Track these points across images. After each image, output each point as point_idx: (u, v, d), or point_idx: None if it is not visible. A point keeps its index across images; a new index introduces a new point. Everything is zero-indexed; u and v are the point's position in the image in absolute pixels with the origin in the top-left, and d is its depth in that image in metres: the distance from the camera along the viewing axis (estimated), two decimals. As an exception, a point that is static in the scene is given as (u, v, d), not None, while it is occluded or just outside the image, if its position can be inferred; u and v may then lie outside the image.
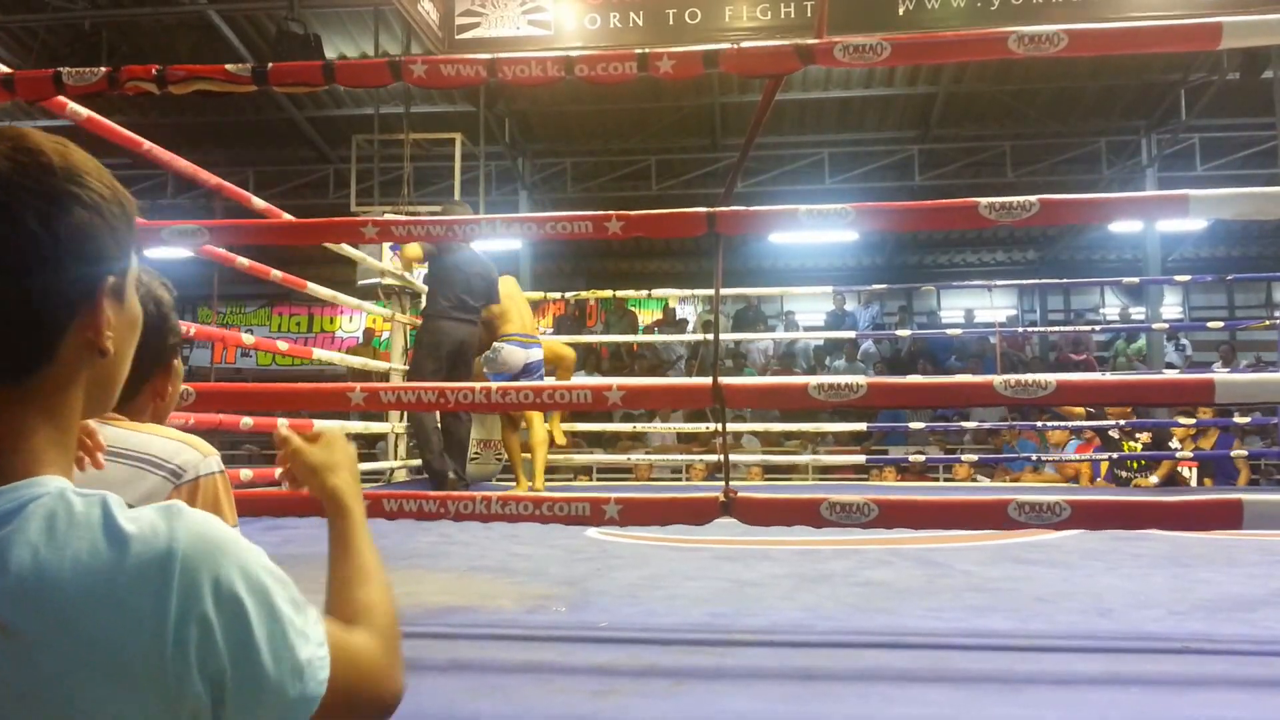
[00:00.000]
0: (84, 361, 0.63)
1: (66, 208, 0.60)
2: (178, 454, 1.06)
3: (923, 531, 2.97)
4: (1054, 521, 1.55)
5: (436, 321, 4.28)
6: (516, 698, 1.22)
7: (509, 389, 1.75)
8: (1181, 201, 1.77)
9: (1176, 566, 2.45)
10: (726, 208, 1.89)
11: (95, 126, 2.51)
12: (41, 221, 0.59)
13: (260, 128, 9.58)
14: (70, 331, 0.62)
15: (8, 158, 0.59)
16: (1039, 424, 6.36)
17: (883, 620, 1.76)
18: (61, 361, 0.62)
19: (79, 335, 0.62)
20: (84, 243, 0.61)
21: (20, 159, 0.59)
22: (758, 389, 2.15)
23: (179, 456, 1.05)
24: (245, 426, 2.68)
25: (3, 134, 0.61)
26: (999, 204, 1.73)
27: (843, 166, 9.84)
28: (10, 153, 0.59)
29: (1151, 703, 1.25)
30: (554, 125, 9.55)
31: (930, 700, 1.24)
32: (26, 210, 0.59)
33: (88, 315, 0.63)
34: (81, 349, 0.63)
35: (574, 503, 1.64)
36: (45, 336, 0.61)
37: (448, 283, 4.29)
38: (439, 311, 4.28)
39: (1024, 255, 13.33)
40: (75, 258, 0.61)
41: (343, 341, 12.66)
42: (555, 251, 11.89)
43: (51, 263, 0.59)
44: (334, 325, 13.36)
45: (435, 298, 4.32)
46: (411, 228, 1.81)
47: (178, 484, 1.03)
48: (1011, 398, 1.63)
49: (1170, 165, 9.43)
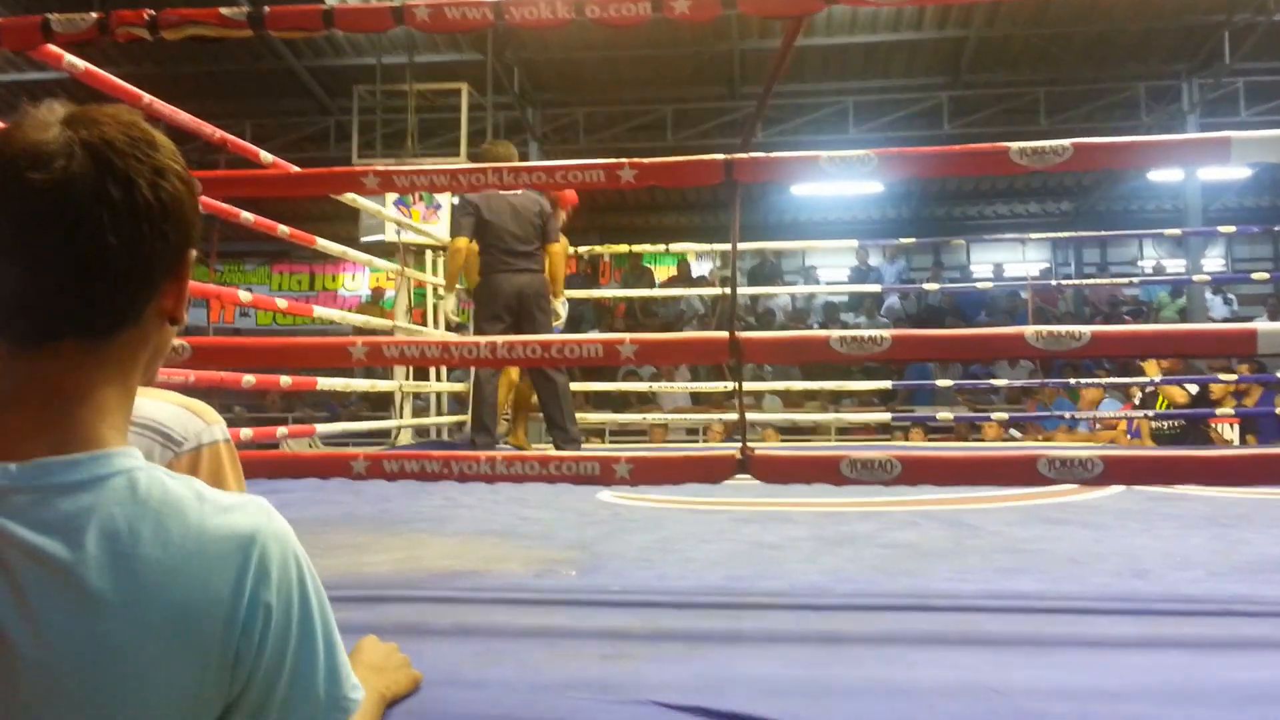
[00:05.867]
0: (155, 329, 0.68)
1: (169, 179, 0.65)
2: (178, 421, 1.00)
3: (950, 492, 2.90)
4: (1086, 477, 1.47)
5: (487, 277, 4.14)
6: (524, 662, 1.18)
7: (516, 343, 1.69)
8: (1223, 145, 1.65)
9: (1216, 527, 2.36)
10: (745, 154, 1.79)
11: (93, 79, 2.45)
12: (152, 190, 0.64)
13: (258, 78, 9.40)
14: (156, 298, 0.67)
15: (120, 131, 0.64)
16: (1071, 381, 6.22)
17: (907, 583, 1.70)
18: (141, 326, 0.67)
19: (160, 303, 0.67)
20: (180, 213, 0.66)
21: (131, 133, 0.65)
22: (776, 342, 2.07)
23: (180, 423, 1.00)
24: (247, 385, 2.63)
25: (105, 111, 0.66)
26: (1031, 149, 1.63)
27: (868, 115, 9.57)
28: (120, 127, 0.64)
29: (1190, 665, 1.18)
30: (565, 74, 9.32)
31: (956, 663, 1.18)
32: (140, 179, 0.63)
33: (173, 284, 0.68)
34: (158, 316, 0.68)
35: (583, 461, 1.58)
36: (141, 299, 0.66)
37: (492, 234, 4.14)
38: (487, 266, 4.14)
39: (1058, 207, 12.98)
40: (174, 226, 0.66)
41: (345, 300, 12.62)
42: (568, 203, 11.70)
43: (157, 229, 0.64)
44: (336, 283, 13.32)
45: (484, 253, 4.17)
46: (414, 177, 1.74)
47: (178, 453, 0.98)
48: (1043, 349, 1.54)
49: (1213, 111, 9.07)
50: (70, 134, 0.62)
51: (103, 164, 0.62)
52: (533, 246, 4.16)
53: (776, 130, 9.50)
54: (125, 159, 0.63)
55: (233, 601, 0.61)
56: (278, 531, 0.65)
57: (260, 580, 0.63)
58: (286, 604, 0.64)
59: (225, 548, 0.62)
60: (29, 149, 0.62)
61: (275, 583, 0.63)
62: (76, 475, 0.61)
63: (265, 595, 0.63)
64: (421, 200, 6.57)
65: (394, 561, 1.89)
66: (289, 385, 3.60)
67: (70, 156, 0.61)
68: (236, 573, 0.62)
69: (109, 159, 0.63)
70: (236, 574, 0.62)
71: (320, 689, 0.67)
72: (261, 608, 0.63)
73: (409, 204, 6.49)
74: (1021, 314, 8.68)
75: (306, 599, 0.66)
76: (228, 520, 0.63)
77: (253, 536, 0.63)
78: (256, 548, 0.63)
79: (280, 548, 0.65)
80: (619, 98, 9.62)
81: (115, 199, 0.62)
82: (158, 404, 1.01)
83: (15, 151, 0.62)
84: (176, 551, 0.60)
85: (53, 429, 0.63)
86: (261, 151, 3.08)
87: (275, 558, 0.64)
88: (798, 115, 9.52)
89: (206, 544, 0.62)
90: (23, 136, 0.62)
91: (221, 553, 0.62)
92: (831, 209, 12.58)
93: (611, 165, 1.81)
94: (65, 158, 0.61)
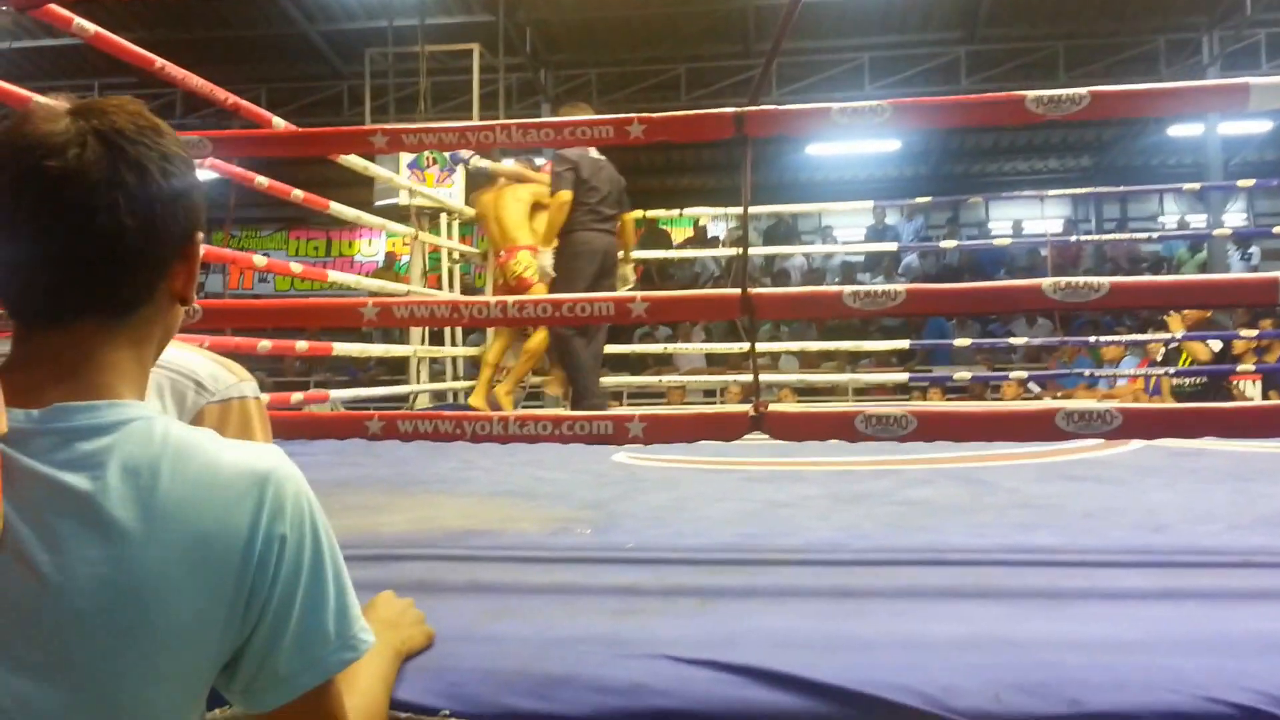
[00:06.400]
0: (167, 307, 0.71)
1: (176, 164, 0.68)
2: (212, 372, 1.04)
3: (966, 450, 2.88)
4: (1105, 430, 1.45)
5: (578, 233, 4.08)
6: (537, 618, 1.19)
7: (527, 303, 1.68)
8: (1242, 91, 1.60)
9: (1238, 481, 2.33)
10: (756, 107, 1.76)
11: (104, 43, 2.43)
12: (163, 174, 0.67)
13: (271, 43, 9.35)
14: (168, 278, 0.70)
15: (129, 120, 0.67)
16: (1091, 339, 6.14)
17: (922, 538, 1.70)
18: (154, 305, 0.70)
19: (171, 283, 0.70)
20: (189, 196, 0.70)
21: (138, 122, 0.67)
22: (790, 298, 2.05)
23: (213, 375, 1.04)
24: (263, 350, 2.64)
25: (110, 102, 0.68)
26: (1047, 97, 1.59)
27: (884, 72, 9.38)
28: (128, 116, 0.67)
29: (1208, 616, 1.17)
30: (577, 34, 9.17)
31: (971, 616, 1.17)
32: (151, 164, 0.66)
33: (182, 265, 0.71)
34: (169, 296, 0.71)
35: (597, 420, 1.58)
36: (155, 280, 0.69)
37: (586, 192, 4.10)
38: (578, 223, 4.09)
39: (1077, 162, 12.74)
40: (184, 207, 0.69)
41: (362, 266, 12.63)
42: (582, 169, 11.61)
43: (169, 211, 0.67)
44: (352, 249, 13.30)
45: (574, 210, 4.11)
46: (422, 135, 1.72)
47: (210, 400, 1.01)
48: (1061, 301, 1.51)
49: (1233, 65, 8.83)
50: (81, 124, 0.65)
51: (115, 150, 0.65)
52: (615, 212, 4.20)
53: (790, 89, 9.33)
54: (135, 146, 0.66)
55: (249, 533, 0.64)
56: (290, 472, 0.68)
57: (275, 514, 0.65)
58: (299, 540, 0.67)
59: (242, 482, 0.65)
60: (42, 139, 0.64)
61: (289, 517, 0.66)
62: (96, 419, 0.63)
63: (280, 528, 0.65)
64: (436, 163, 6.52)
65: (410, 521, 1.91)
66: (305, 350, 3.61)
67: (83, 145, 0.64)
68: (254, 505, 0.65)
69: (120, 146, 0.65)
70: (254, 507, 0.65)
71: (330, 626, 0.68)
72: (276, 541, 0.65)
73: (423, 167, 6.44)
74: (1041, 271, 8.55)
75: (318, 538, 0.69)
76: (243, 458, 0.66)
77: (268, 473, 0.66)
78: (271, 484, 0.66)
79: (293, 486, 0.68)
80: (632, 57, 9.47)
81: (129, 183, 0.65)
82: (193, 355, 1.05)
83: (29, 142, 0.64)
84: (195, 486, 0.63)
85: (70, 383, 0.65)
86: (274, 117, 3.05)
87: (289, 494, 0.67)
88: (813, 73, 9.34)
89: (224, 479, 0.64)
90: (34, 129, 0.65)
91: (238, 487, 0.65)
92: (848, 168, 12.40)
93: (620, 120, 1.78)
94: (79, 146, 0.64)
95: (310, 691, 0.67)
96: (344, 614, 0.70)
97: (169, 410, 1.00)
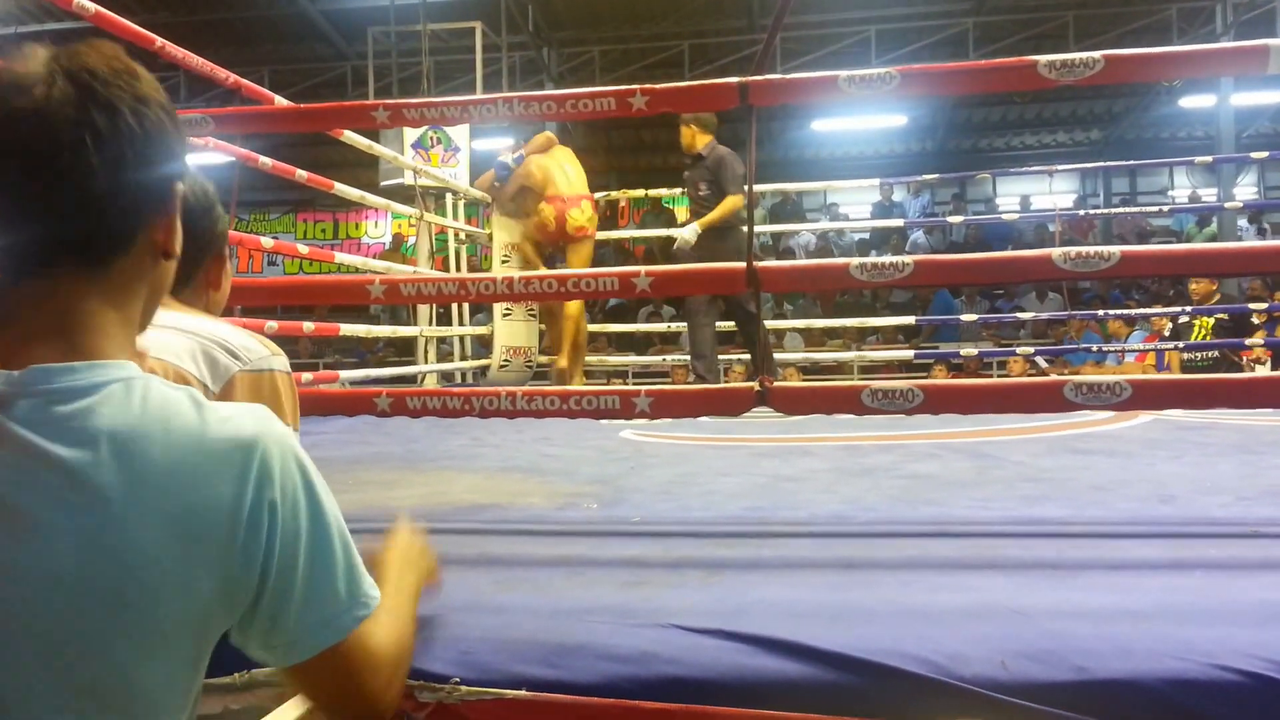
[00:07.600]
0: (149, 261, 0.69)
1: (152, 108, 0.66)
2: (243, 341, 1.06)
3: (972, 424, 2.88)
4: (1114, 401, 1.44)
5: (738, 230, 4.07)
6: (545, 589, 1.19)
7: (532, 279, 1.67)
8: (1261, 53, 1.57)
9: (1246, 454, 2.33)
10: (760, 77, 1.74)
11: (105, 23, 2.41)
12: (135, 116, 0.65)
13: (273, 24, 9.28)
14: (146, 228, 0.68)
15: (103, 62, 0.65)
16: (1100, 313, 6.10)
17: (929, 511, 1.70)
18: (134, 256, 0.67)
19: (151, 234, 0.68)
20: (164, 140, 0.67)
21: (113, 64, 0.65)
22: (795, 270, 2.03)
23: (246, 345, 1.06)
24: (269, 331, 2.65)
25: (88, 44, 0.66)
26: (1059, 61, 1.57)
27: (891, 45, 9.26)
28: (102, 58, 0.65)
29: (1215, 586, 1.17)
30: (580, 10, 9.07)
31: (977, 586, 1.18)
32: (123, 105, 0.64)
33: (162, 215, 0.69)
34: (150, 248, 0.68)
35: (603, 395, 1.58)
36: (130, 227, 0.66)
37: None
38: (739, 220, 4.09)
39: (1087, 136, 12.59)
40: (159, 154, 0.67)
41: (369, 248, 12.62)
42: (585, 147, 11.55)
43: (143, 157, 0.65)
44: (359, 231, 13.28)
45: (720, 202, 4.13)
46: (424, 110, 1.71)
47: (243, 367, 1.03)
48: (1071, 271, 1.50)
49: (1247, 33, 8.67)
50: (53, 64, 0.64)
51: (84, 90, 0.63)
52: None
53: (796, 63, 9.22)
54: (108, 86, 0.64)
55: (235, 500, 0.63)
56: (277, 435, 0.67)
57: (263, 480, 0.64)
58: (293, 503, 0.66)
59: (226, 448, 0.63)
60: (13, 79, 0.63)
61: (279, 482, 0.65)
62: (76, 380, 0.61)
63: (269, 493, 0.64)
64: (440, 143, 6.48)
65: (421, 496, 1.92)
66: (312, 331, 3.61)
67: (51, 83, 0.62)
68: (239, 472, 0.63)
69: (90, 86, 0.63)
70: (239, 474, 0.63)
71: (340, 585, 0.68)
72: (267, 506, 0.64)
73: (427, 148, 6.40)
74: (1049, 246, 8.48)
75: (315, 499, 0.68)
76: (228, 424, 0.65)
77: (254, 439, 0.65)
78: (258, 449, 0.64)
79: (280, 449, 0.66)
80: (635, 34, 9.36)
81: (98, 124, 0.63)
82: (227, 327, 1.07)
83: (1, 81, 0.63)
84: (178, 453, 0.61)
85: (51, 341, 0.63)
86: (276, 96, 3.04)
87: (276, 458, 0.65)
88: (819, 46, 9.22)
89: (208, 446, 0.63)
90: (7, 69, 0.64)
91: (223, 454, 0.63)
92: (854, 144, 12.27)
93: (623, 92, 1.76)
94: (46, 84, 0.62)
95: (327, 650, 0.68)
96: (352, 572, 0.70)
97: (202, 373, 1.01)
